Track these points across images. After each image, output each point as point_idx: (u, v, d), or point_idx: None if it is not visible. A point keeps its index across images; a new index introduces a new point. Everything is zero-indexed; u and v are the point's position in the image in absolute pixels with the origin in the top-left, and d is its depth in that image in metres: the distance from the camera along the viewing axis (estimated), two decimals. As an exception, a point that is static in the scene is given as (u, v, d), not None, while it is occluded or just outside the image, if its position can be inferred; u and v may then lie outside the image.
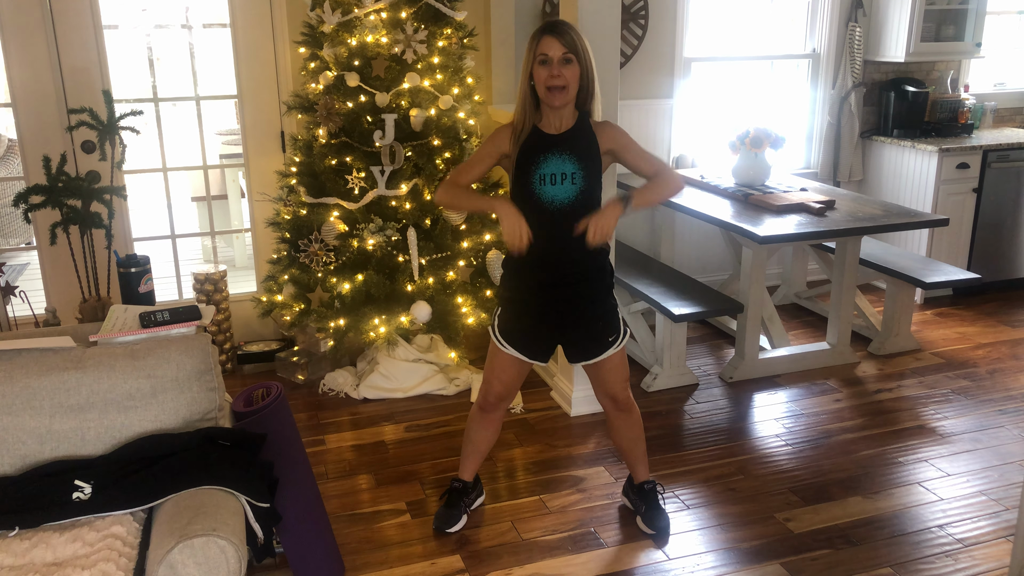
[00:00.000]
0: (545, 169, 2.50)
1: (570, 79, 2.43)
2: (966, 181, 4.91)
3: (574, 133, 2.53)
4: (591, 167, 2.53)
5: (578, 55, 2.43)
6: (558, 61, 2.42)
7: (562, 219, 2.51)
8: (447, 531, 2.87)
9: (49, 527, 2.04)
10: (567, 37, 2.42)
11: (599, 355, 2.68)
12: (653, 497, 2.92)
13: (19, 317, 3.77)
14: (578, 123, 2.54)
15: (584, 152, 2.52)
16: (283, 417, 2.51)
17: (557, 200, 2.51)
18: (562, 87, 2.43)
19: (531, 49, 2.46)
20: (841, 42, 5.07)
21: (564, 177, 2.50)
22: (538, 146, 2.52)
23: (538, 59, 2.44)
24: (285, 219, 3.79)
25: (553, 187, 2.50)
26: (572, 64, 2.43)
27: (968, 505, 3.02)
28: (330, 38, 3.59)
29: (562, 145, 2.51)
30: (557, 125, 2.53)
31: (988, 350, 4.38)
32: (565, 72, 2.42)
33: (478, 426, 2.88)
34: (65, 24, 3.76)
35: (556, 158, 2.50)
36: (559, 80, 2.41)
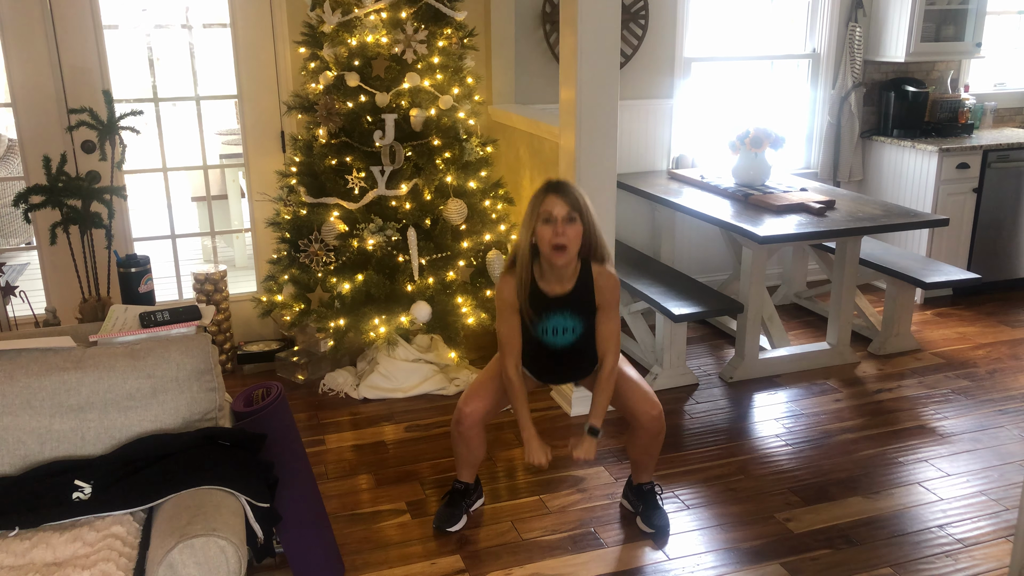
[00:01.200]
0: (548, 324, 2.66)
1: (572, 238, 2.51)
2: (966, 181, 4.91)
3: (575, 293, 2.63)
4: (590, 317, 2.68)
5: (582, 214, 2.51)
6: (562, 220, 2.49)
7: (563, 354, 2.73)
8: (448, 530, 2.87)
9: (49, 527, 2.04)
10: (571, 196, 2.50)
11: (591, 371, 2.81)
12: (652, 497, 2.92)
13: (19, 317, 3.77)
14: (579, 279, 2.63)
15: (584, 308, 2.66)
16: (283, 417, 2.51)
17: (559, 344, 2.70)
18: (564, 246, 2.50)
19: (534, 207, 2.53)
20: (841, 42, 5.07)
21: (566, 330, 2.67)
22: (541, 305, 2.65)
23: (542, 217, 2.51)
24: (285, 219, 3.79)
25: (555, 336, 2.68)
26: (575, 223, 2.50)
27: (968, 505, 3.02)
28: (330, 38, 3.59)
29: (564, 306, 2.64)
30: (560, 284, 2.62)
31: (988, 350, 4.38)
32: (569, 231, 2.49)
33: (460, 442, 2.86)
34: (65, 24, 3.76)
35: (559, 316, 2.65)
36: (563, 239, 2.49)
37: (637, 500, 2.94)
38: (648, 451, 2.85)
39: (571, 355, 2.73)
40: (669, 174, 4.80)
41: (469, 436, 2.82)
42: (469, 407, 2.78)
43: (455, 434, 2.85)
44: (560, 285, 2.62)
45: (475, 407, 2.78)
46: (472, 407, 2.78)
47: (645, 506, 2.91)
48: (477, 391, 2.81)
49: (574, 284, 2.62)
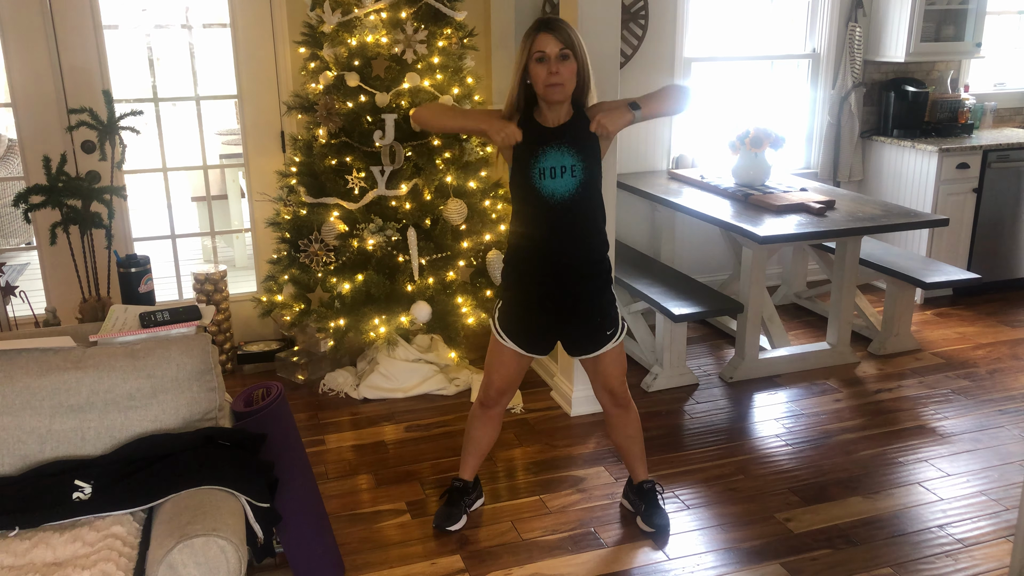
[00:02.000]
0: (544, 163, 2.51)
1: (567, 76, 2.44)
2: (966, 181, 4.91)
3: (572, 125, 2.52)
4: (590, 158, 2.53)
5: (575, 51, 2.44)
6: (555, 58, 2.42)
7: (563, 212, 2.53)
8: (447, 529, 2.87)
9: (49, 527, 2.04)
10: (563, 33, 2.42)
11: (598, 349, 2.69)
12: (652, 496, 2.92)
13: (19, 317, 3.77)
14: (575, 116, 2.54)
15: (582, 143, 2.51)
16: (283, 417, 2.51)
17: (558, 193, 2.52)
18: (559, 84, 2.43)
19: (526, 46, 2.45)
20: (841, 42, 5.07)
21: (564, 170, 2.50)
22: (536, 139, 2.52)
23: (534, 56, 2.44)
24: (285, 219, 3.79)
25: (553, 180, 2.51)
26: (569, 60, 2.43)
27: (968, 505, 3.02)
28: (330, 38, 3.59)
29: (560, 137, 2.51)
30: (554, 119, 2.53)
31: (988, 350, 4.38)
32: (563, 69, 2.42)
33: (479, 423, 2.88)
34: (65, 24, 3.76)
35: (555, 151, 2.51)
36: (557, 78, 2.42)
37: (638, 499, 2.94)
38: (628, 434, 2.85)
39: (574, 210, 2.53)
40: (669, 174, 4.80)
41: (493, 415, 2.82)
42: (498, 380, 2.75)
43: (477, 416, 2.84)
44: (555, 121, 2.53)
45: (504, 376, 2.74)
46: (501, 378, 2.74)
47: (646, 505, 2.91)
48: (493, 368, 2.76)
49: (569, 119, 2.53)
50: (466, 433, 2.93)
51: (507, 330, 2.70)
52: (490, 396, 2.81)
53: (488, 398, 2.82)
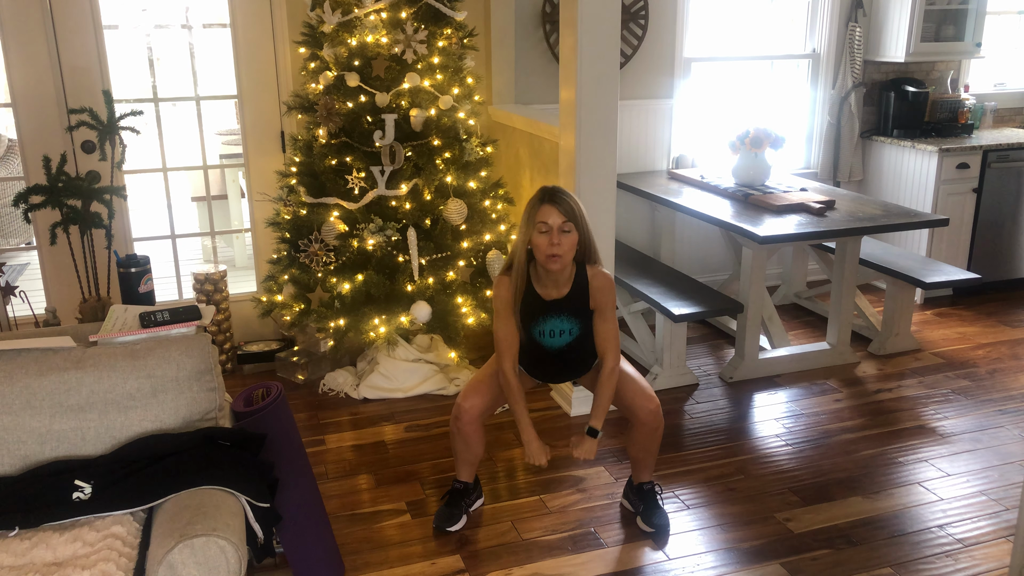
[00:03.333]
0: (544, 327, 2.71)
1: (567, 248, 2.55)
2: (966, 181, 4.91)
3: (571, 297, 2.67)
4: (585, 319, 2.71)
5: (577, 223, 2.55)
6: (557, 230, 2.53)
7: (561, 354, 2.77)
8: (447, 530, 2.87)
9: (49, 527, 2.04)
10: (566, 206, 2.54)
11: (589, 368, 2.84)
12: (652, 497, 2.93)
13: (19, 317, 3.77)
14: (575, 283, 2.67)
15: (579, 311, 2.69)
16: (283, 417, 2.51)
17: (555, 346, 2.74)
18: (559, 255, 2.54)
19: (530, 216, 2.57)
20: (841, 42, 5.07)
21: (562, 332, 2.71)
22: (537, 309, 2.69)
23: (538, 227, 2.55)
24: (285, 219, 3.79)
25: (552, 338, 2.72)
26: (570, 233, 2.55)
27: (968, 505, 3.02)
28: (330, 38, 3.59)
29: (559, 310, 2.68)
30: (556, 288, 2.66)
31: (988, 350, 4.38)
32: (563, 241, 2.54)
33: (459, 439, 2.86)
34: (65, 24, 3.76)
35: (555, 319, 2.69)
36: (558, 248, 2.54)
37: (638, 500, 2.94)
38: (647, 448, 2.85)
39: (569, 355, 2.77)
40: (669, 174, 4.80)
41: (468, 432, 2.82)
42: (467, 403, 2.79)
43: (454, 431, 2.86)
44: (556, 289, 2.66)
45: (473, 403, 2.79)
46: (470, 403, 2.79)
47: (646, 506, 2.91)
48: (475, 388, 2.81)
49: (570, 288, 2.66)
50: (452, 446, 2.93)
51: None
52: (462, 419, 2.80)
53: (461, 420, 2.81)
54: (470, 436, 2.83)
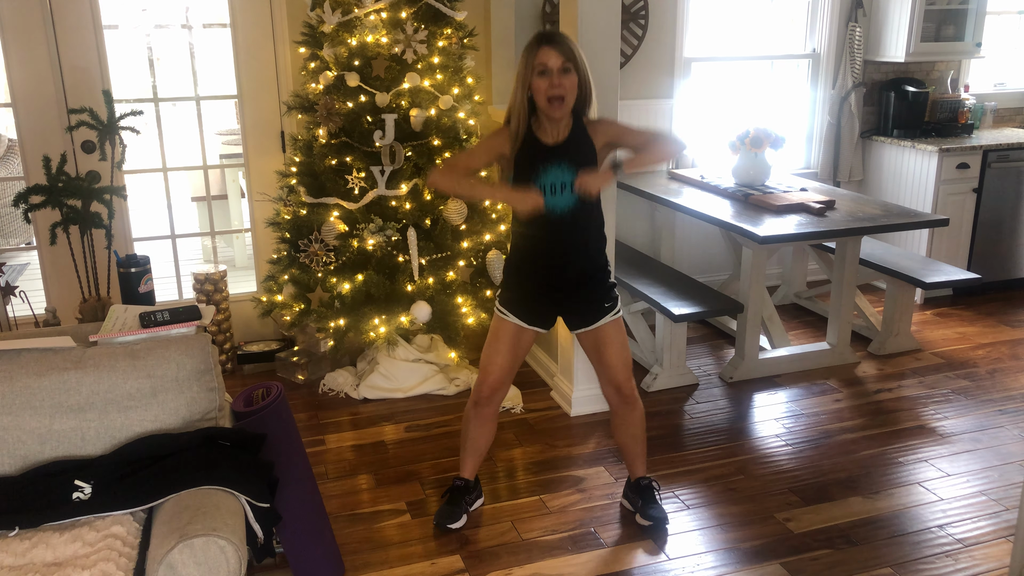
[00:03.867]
0: (545, 180, 2.55)
1: (569, 89, 2.47)
2: (966, 181, 4.91)
3: (571, 141, 2.55)
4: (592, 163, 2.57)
5: (576, 64, 2.47)
6: (557, 71, 2.45)
7: (564, 225, 2.59)
8: (448, 527, 2.87)
9: (49, 527, 2.04)
10: (564, 47, 2.45)
11: (596, 320, 2.71)
12: (650, 492, 2.93)
13: (19, 317, 3.77)
14: (574, 129, 2.56)
15: (583, 160, 2.55)
16: (283, 417, 2.51)
17: (559, 209, 2.57)
18: (561, 97, 2.46)
19: (528, 60, 2.48)
20: (841, 42, 5.07)
21: (564, 187, 2.54)
22: (537, 156, 2.55)
23: (536, 70, 2.46)
24: (285, 219, 3.79)
25: (554, 197, 2.55)
26: (571, 73, 2.46)
27: (968, 505, 3.02)
28: (330, 38, 3.59)
29: (561, 155, 2.54)
30: (554, 134, 2.56)
31: (988, 350, 4.38)
32: (564, 82, 2.45)
33: (474, 424, 2.89)
34: (65, 24, 3.76)
35: (556, 168, 2.54)
36: (559, 90, 2.45)
37: (636, 496, 2.95)
38: (632, 434, 2.86)
39: (573, 226, 2.60)
40: (669, 174, 4.80)
41: (487, 414, 2.84)
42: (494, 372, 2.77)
43: (471, 416, 2.86)
44: (555, 136, 2.56)
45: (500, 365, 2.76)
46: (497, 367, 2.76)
47: (643, 501, 2.92)
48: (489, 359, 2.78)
49: (568, 134, 2.56)
50: (462, 433, 2.94)
51: (508, 304, 2.74)
52: (483, 393, 2.82)
53: (481, 396, 2.83)
54: (488, 419, 2.85)
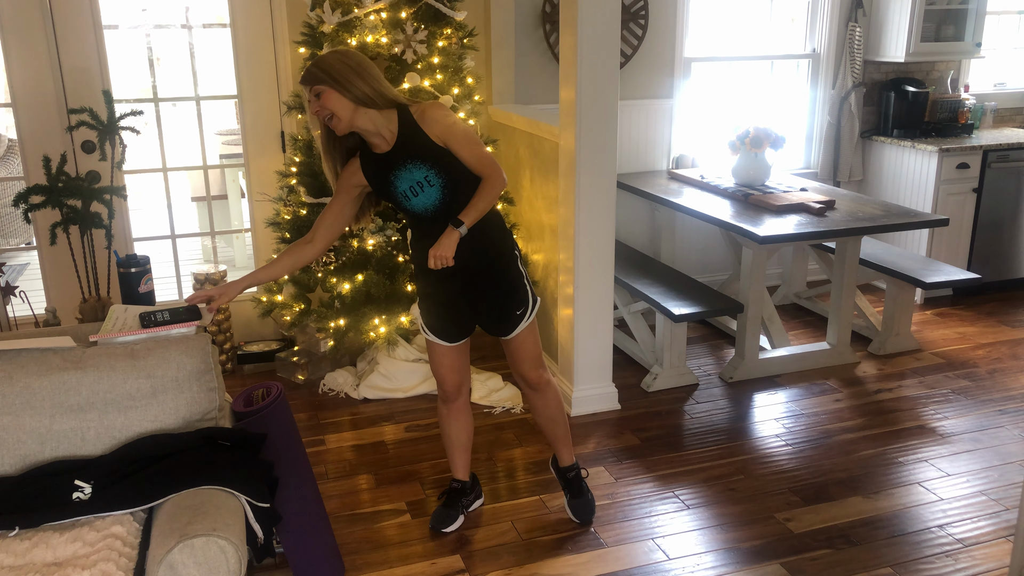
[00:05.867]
0: (401, 186, 2.47)
1: (332, 107, 2.38)
2: (966, 181, 4.91)
3: (402, 139, 2.44)
4: (440, 159, 2.45)
5: (326, 81, 2.37)
6: (312, 100, 2.40)
7: (440, 220, 2.48)
8: (443, 531, 2.87)
9: (49, 527, 2.04)
10: (308, 74, 2.39)
11: (512, 331, 2.68)
12: (578, 484, 2.95)
13: (19, 317, 3.77)
14: (401, 125, 2.45)
15: (422, 151, 2.44)
16: (283, 417, 2.51)
17: (428, 207, 2.49)
18: (330, 116, 2.39)
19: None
20: (841, 42, 5.07)
21: (421, 184, 2.45)
22: (381, 169, 2.49)
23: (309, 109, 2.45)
24: (285, 219, 3.79)
25: (417, 198, 2.48)
26: (325, 93, 2.37)
27: (968, 505, 3.02)
28: (330, 38, 3.59)
29: (401, 157, 2.45)
30: (383, 141, 2.46)
31: (988, 350, 4.38)
32: (324, 104, 2.37)
33: (448, 420, 2.89)
34: (65, 24, 3.76)
35: (403, 171, 2.45)
36: (322, 112, 2.40)
37: (564, 485, 2.99)
38: (545, 415, 2.86)
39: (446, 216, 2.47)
40: (669, 174, 4.80)
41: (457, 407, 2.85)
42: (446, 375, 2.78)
43: (443, 413, 2.87)
44: (387, 143, 2.46)
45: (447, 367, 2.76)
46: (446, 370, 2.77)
47: (571, 495, 2.94)
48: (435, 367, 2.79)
49: (397, 133, 2.45)
50: (443, 435, 2.95)
51: (430, 327, 2.73)
52: (446, 391, 2.83)
53: (446, 394, 2.84)
54: (460, 413, 2.86)
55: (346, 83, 2.38)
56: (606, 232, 3.49)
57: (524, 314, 2.67)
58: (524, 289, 2.67)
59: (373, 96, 2.40)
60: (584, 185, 3.41)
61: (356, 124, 2.42)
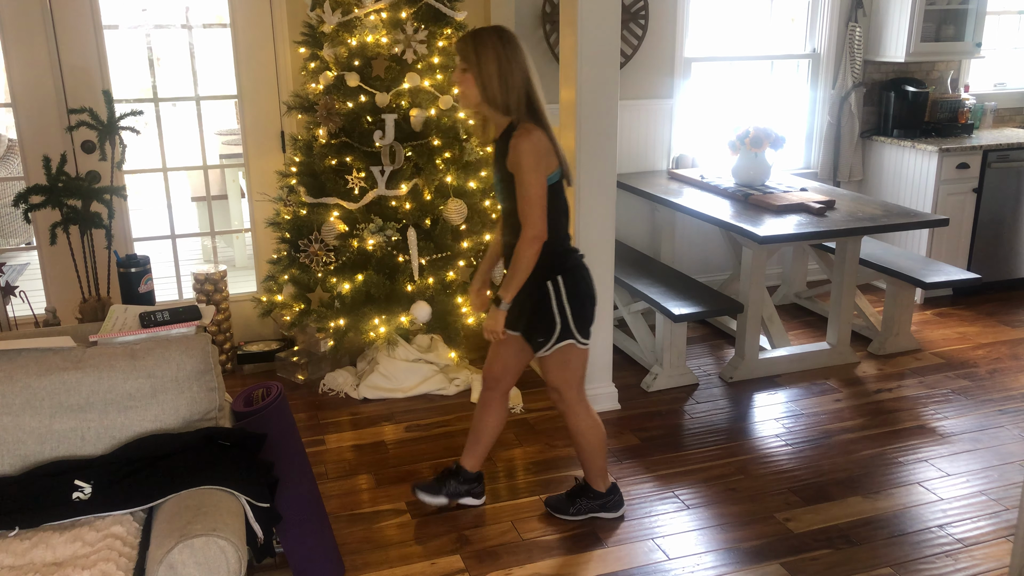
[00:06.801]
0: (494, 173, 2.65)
1: (466, 86, 2.52)
2: (966, 181, 4.91)
3: (498, 144, 2.59)
4: (505, 180, 2.55)
5: (470, 62, 2.49)
6: (459, 70, 2.53)
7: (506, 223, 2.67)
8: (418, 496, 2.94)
9: (49, 527, 2.04)
10: (459, 46, 2.53)
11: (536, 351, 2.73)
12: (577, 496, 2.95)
13: (19, 317, 3.77)
14: (503, 134, 2.56)
15: (500, 164, 2.57)
16: (283, 417, 2.51)
17: (501, 206, 2.68)
18: (462, 94, 2.55)
19: None
20: (841, 42, 5.07)
21: (497, 186, 2.64)
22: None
23: None
24: (285, 219, 3.79)
25: (497, 192, 2.66)
26: (467, 72, 2.51)
27: (968, 505, 3.02)
28: (330, 38, 3.59)
29: (495, 153, 2.62)
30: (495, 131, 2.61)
31: (988, 350, 4.38)
32: (462, 81, 2.53)
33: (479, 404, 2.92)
34: (65, 24, 3.76)
35: (494, 164, 2.63)
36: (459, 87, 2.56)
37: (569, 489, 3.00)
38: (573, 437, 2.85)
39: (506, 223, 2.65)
40: (669, 174, 4.80)
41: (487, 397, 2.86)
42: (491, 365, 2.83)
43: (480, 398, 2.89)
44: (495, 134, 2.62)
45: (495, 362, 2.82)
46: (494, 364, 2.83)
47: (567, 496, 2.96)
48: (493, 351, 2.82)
49: (498, 136, 2.59)
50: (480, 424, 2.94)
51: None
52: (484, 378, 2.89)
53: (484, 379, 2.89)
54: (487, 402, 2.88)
55: (487, 79, 2.48)
56: (606, 232, 3.49)
57: (545, 343, 2.67)
58: (551, 320, 2.62)
59: (500, 103, 2.50)
60: (584, 185, 3.41)
61: (479, 108, 2.56)
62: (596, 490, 2.92)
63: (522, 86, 2.48)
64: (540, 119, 2.52)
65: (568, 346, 2.66)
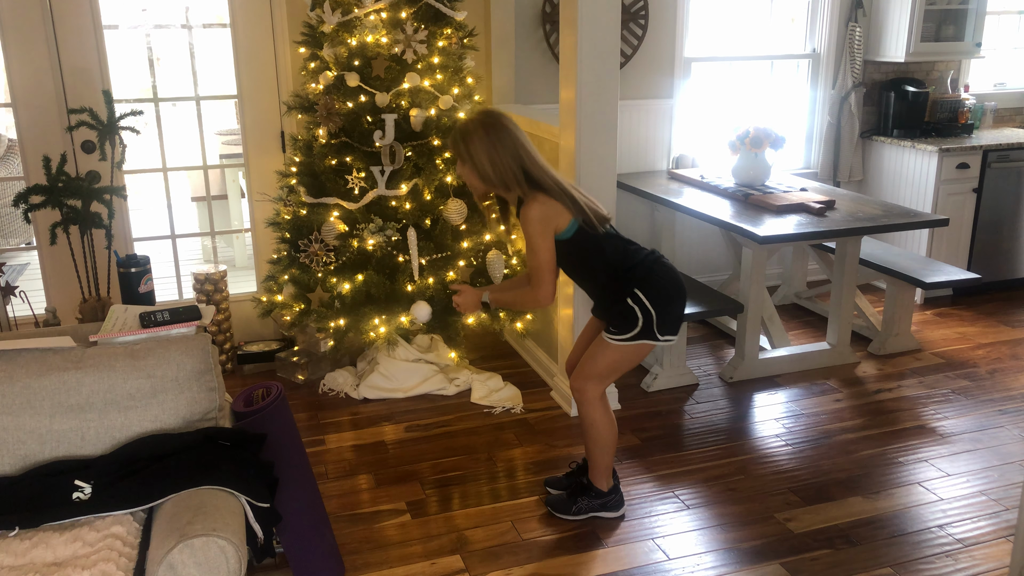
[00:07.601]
0: None
1: (468, 180, 2.70)
2: (966, 181, 4.92)
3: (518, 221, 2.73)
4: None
5: (464, 158, 2.64)
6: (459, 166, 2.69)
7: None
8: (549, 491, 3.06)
9: (49, 527, 2.04)
10: (451, 143, 2.68)
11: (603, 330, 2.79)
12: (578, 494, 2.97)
13: (19, 317, 3.78)
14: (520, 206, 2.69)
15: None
16: (283, 417, 2.51)
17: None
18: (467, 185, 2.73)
19: None
20: (841, 42, 5.07)
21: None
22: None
23: None
24: (285, 219, 3.79)
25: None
26: (462, 165, 2.66)
27: (968, 505, 3.03)
28: (330, 38, 3.59)
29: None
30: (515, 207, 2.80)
31: (988, 350, 4.38)
32: (462, 174, 2.70)
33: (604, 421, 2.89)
34: (65, 24, 3.76)
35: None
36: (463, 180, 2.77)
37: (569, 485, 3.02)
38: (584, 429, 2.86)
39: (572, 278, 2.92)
40: (669, 174, 4.80)
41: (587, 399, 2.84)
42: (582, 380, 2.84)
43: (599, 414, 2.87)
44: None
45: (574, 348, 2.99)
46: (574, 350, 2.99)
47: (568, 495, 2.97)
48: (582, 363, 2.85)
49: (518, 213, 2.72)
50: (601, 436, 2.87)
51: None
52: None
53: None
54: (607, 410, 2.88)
55: (482, 169, 2.62)
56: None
57: (618, 333, 2.71)
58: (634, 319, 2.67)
59: (501, 185, 2.64)
60: (584, 185, 3.41)
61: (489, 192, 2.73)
62: (598, 488, 2.92)
63: (515, 164, 2.60)
64: (542, 184, 2.61)
65: (640, 345, 2.72)
